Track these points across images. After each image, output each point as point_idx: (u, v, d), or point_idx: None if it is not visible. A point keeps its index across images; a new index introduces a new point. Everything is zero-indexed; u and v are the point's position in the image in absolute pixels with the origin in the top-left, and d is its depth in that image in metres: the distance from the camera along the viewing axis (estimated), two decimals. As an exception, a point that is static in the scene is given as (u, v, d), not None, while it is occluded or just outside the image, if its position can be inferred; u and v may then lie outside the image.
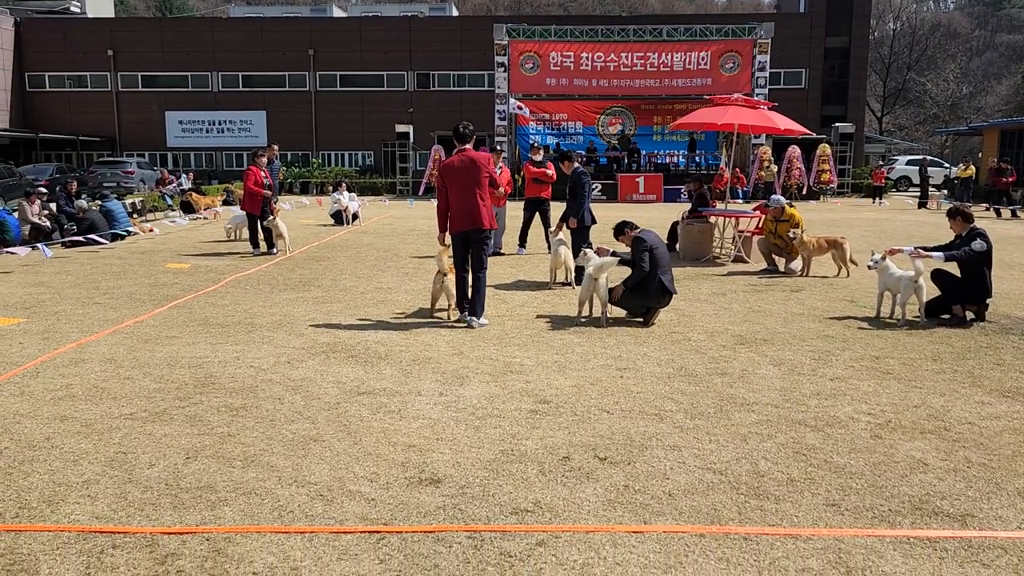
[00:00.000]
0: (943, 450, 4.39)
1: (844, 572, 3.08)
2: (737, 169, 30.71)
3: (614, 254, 8.21)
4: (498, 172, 12.91)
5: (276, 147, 16.28)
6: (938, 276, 8.03)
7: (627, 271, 8.01)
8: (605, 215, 12.29)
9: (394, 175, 36.99)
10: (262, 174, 12.96)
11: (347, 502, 3.73)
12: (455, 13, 53.63)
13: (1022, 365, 6.26)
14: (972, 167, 26.22)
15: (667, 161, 33.61)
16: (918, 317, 7.85)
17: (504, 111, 32.66)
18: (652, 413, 5.03)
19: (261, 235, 13.24)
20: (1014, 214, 23.58)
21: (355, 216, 19.56)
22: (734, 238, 12.47)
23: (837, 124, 34.28)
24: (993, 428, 4.77)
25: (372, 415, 4.98)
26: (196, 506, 3.70)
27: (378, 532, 3.42)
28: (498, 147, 17.03)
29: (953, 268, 8.09)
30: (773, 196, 11.98)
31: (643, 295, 7.78)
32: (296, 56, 43.70)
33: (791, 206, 11.36)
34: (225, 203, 24.69)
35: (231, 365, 6.19)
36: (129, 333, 7.32)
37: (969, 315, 7.93)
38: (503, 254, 12.94)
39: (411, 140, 36.07)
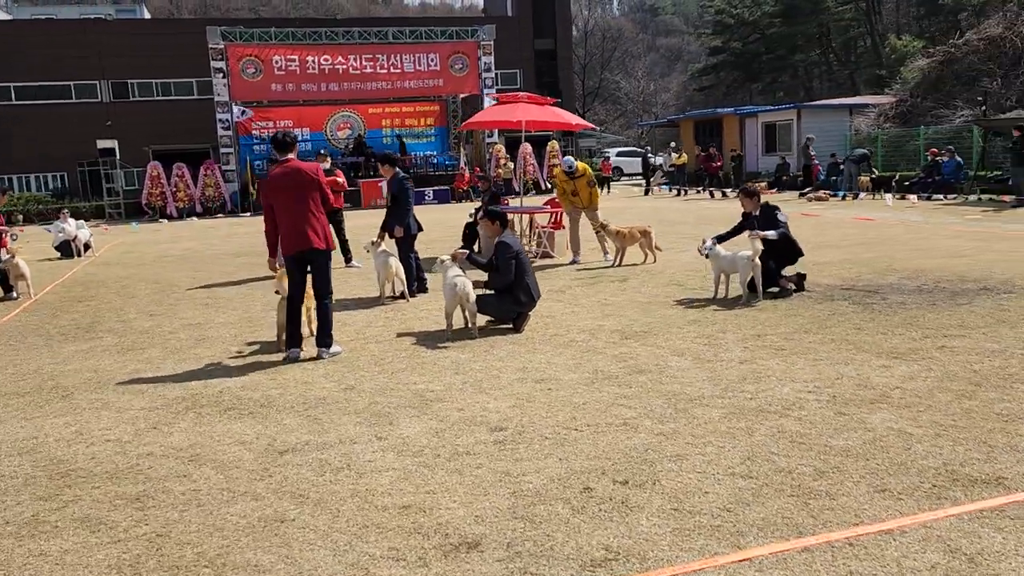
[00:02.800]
0: (908, 418, 4.58)
1: (967, 561, 3.02)
2: (477, 168, 31.38)
3: (470, 257, 7.81)
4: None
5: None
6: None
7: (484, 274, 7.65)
8: (354, 224, 11.83)
9: (100, 197, 32.96)
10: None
11: (392, 593, 3.02)
12: (147, 15, 49.05)
13: (876, 327, 6.83)
14: (685, 155, 29.06)
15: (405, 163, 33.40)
16: (750, 295, 8.31)
17: (228, 120, 30.43)
18: (619, 424, 4.74)
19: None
20: (724, 195, 26.49)
21: (87, 246, 17.04)
22: (537, 235, 12.55)
23: (558, 121, 36.23)
24: (921, 389, 5.09)
25: (320, 477, 4.16)
26: (195, 642, 2.77)
27: (468, 624, 2.79)
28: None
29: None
30: (565, 158, 12.12)
31: (512, 302, 7.46)
32: (-48, 66, 37.32)
33: (579, 162, 11.77)
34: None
35: (78, 443, 4.91)
36: None
37: (791, 286, 8.58)
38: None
39: (117, 157, 32.32)
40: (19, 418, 5.50)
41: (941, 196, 20.01)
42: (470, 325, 7.38)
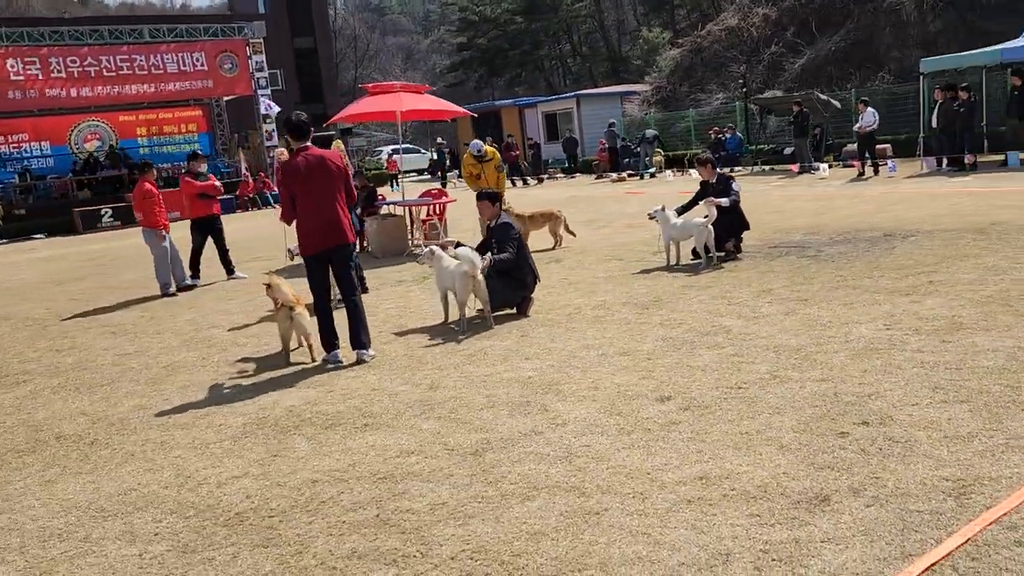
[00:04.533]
0: (1007, 337, 5.10)
1: None
2: (262, 174, 29.67)
3: (458, 245, 7.49)
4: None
5: None
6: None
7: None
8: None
9: None
10: None
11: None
12: None
13: (853, 274, 7.51)
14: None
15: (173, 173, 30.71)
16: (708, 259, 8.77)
17: (-46, 135, 26.09)
18: (770, 378, 4.85)
19: None
20: (525, 182, 27.38)
21: None
22: (431, 225, 12.23)
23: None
24: (975, 315, 5.71)
25: (554, 468, 3.86)
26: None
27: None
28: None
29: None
30: (474, 142, 11.91)
31: (519, 285, 7.28)
32: None
33: (488, 146, 11.72)
34: None
35: (198, 487, 4.11)
36: None
37: (732, 248, 9.17)
38: (192, 287, 10.69)
39: None
40: (70, 474, 4.48)
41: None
42: (487, 314, 7.05)
